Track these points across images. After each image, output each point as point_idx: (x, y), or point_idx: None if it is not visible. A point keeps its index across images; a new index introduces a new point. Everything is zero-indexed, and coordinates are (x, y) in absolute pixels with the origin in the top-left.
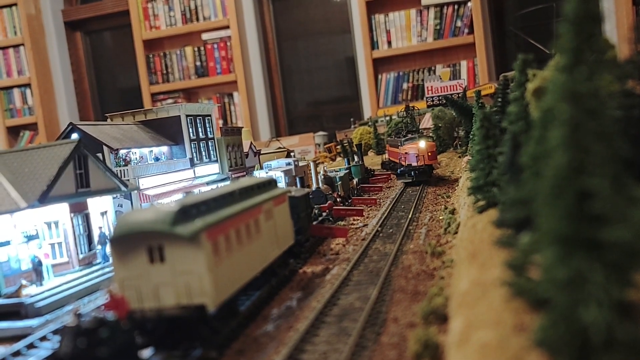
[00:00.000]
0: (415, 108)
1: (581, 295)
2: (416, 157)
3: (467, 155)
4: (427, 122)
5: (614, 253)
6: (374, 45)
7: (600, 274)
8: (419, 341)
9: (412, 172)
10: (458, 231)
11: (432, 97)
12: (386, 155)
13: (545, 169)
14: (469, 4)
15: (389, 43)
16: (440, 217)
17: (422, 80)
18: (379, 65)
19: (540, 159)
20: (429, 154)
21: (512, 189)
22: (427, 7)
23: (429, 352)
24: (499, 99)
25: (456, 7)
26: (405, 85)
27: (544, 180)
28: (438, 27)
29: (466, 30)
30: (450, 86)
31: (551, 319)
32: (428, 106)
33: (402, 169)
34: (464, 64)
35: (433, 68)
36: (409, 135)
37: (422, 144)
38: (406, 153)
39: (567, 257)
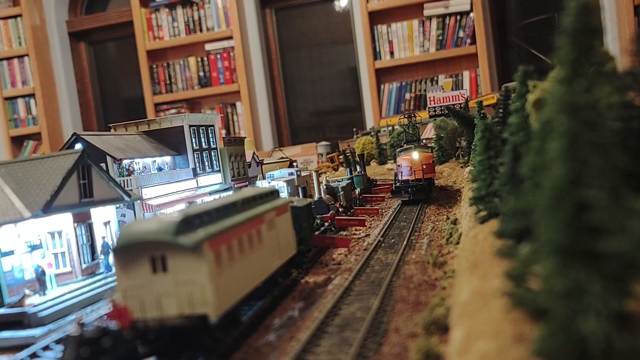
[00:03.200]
0: (418, 115)
1: (580, 306)
2: (409, 169)
3: (469, 166)
4: (429, 132)
5: (613, 264)
6: (376, 55)
7: (598, 284)
8: (421, 351)
9: (409, 189)
10: (460, 241)
11: (435, 107)
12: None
13: (544, 180)
14: (472, 14)
15: (392, 53)
16: (443, 228)
17: (425, 90)
18: (382, 75)
19: (539, 170)
20: (424, 166)
21: (512, 200)
22: (430, 17)
23: None
24: (501, 110)
25: (458, 17)
26: (407, 96)
27: (542, 191)
28: (440, 38)
29: (468, 41)
30: (452, 96)
31: (550, 329)
32: (430, 116)
33: (397, 184)
34: (466, 74)
35: (435, 78)
36: (405, 146)
37: (416, 155)
38: (399, 166)
39: (566, 268)
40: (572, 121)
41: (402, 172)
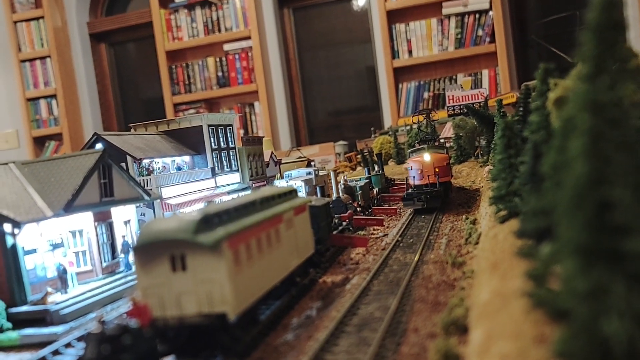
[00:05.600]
0: (434, 113)
1: (602, 307)
2: (420, 173)
3: (488, 165)
4: (447, 131)
5: (637, 264)
6: (394, 54)
7: (621, 285)
8: (440, 352)
9: (422, 197)
10: (479, 241)
11: (453, 106)
12: None
13: (565, 179)
14: (491, 12)
15: (410, 52)
16: (461, 227)
17: (443, 89)
18: (400, 74)
19: (560, 168)
20: (437, 169)
21: (533, 199)
22: (448, 16)
23: None
24: (521, 108)
25: (477, 16)
26: (426, 95)
27: (564, 190)
28: (459, 36)
29: (488, 39)
30: (471, 95)
31: (572, 330)
32: (449, 115)
33: (408, 191)
34: (485, 73)
35: (454, 77)
36: (417, 146)
37: (427, 156)
38: (410, 169)
39: (588, 268)
40: (595, 119)
41: (412, 176)
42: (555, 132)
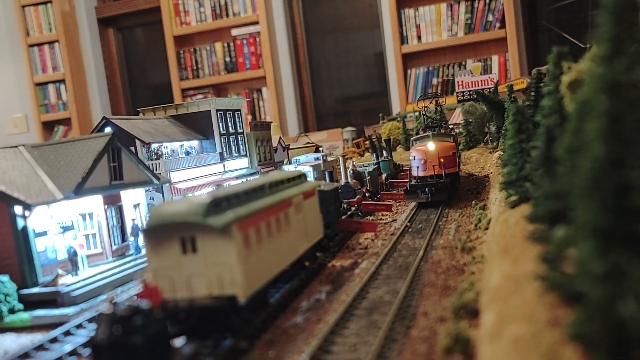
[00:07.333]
0: (442, 98)
1: (619, 289)
2: (423, 163)
3: (498, 151)
4: (457, 117)
5: None
6: (403, 40)
7: (639, 267)
8: (450, 335)
9: (427, 189)
10: (489, 227)
11: (463, 91)
12: None
13: (581, 162)
14: None
15: (419, 38)
16: (471, 213)
17: (452, 75)
18: (409, 60)
19: (576, 151)
20: (442, 159)
21: (546, 183)
22: (458, 1)
23: (460, 347)
24: (532, 93)
25: (487, 1)
26: (435, 81)
27: (580, 172)
28: (469, 22)
29: (498, 25)
30: (481, 81)
31: (587, 313)
32: (459, 101)
33: (412, 182)
34: (495, 58)
35: (463, 63)
36: (421, 133)
37: (431, 145)
38: (413, 159)
39: (605, 251)
40: (613, 100)
41: (416, 166)
42: (570, 115)
